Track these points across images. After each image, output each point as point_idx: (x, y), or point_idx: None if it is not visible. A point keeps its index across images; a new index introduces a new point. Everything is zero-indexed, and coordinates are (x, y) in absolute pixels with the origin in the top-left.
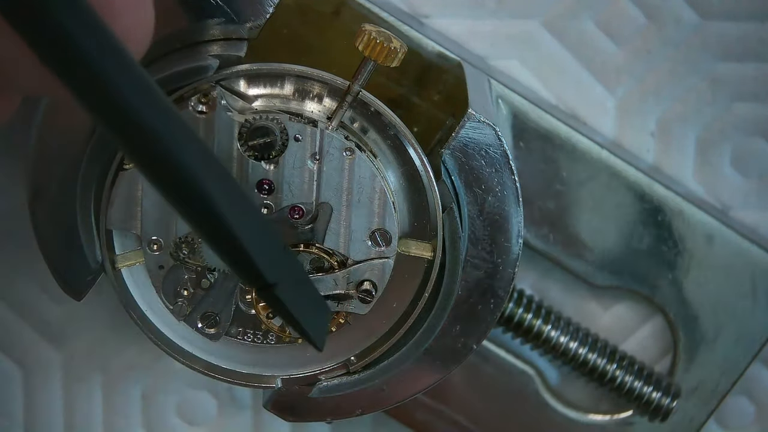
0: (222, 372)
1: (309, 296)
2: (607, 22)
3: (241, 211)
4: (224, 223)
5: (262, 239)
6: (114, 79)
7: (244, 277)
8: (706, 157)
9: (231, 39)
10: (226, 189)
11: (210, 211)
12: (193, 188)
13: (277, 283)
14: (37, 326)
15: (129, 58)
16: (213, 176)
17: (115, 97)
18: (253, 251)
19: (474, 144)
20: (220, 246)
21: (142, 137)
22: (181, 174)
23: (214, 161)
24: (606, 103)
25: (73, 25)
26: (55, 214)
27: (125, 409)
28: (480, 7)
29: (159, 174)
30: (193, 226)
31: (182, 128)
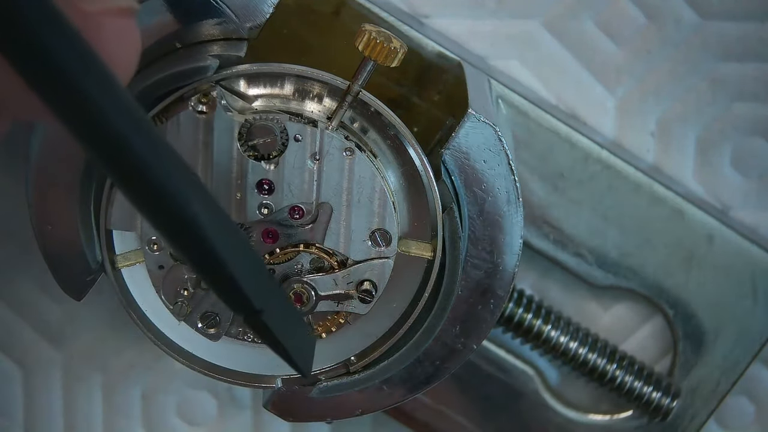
0: (222, 372)
1: (294, 323)
2: (607, 22)
3: (227, 237)
4: (211, 249)
5: (248, 266)
6: (100, 106)
7: (231, 304)
8: (706, 157)
9: (231, 39)
10: (212, 215)
11: (196, 238)
12: (179, 215)
13: (263, 309)
14: (37, 326)
15: (116, 84)
16: (200, 202)
17: (101, 125)
18: (240, 278)
19: (474, 144)
20: (206, 272)
21: (127, 163)
22: (168, 201)
23: (201, 187)
24: (606, 103)
25: (61, 51)
26: (56, 214)
27: (125, 409)
28: (480, 7)
29: (144, 201)
30: (178, 251)
31: (168, 154)
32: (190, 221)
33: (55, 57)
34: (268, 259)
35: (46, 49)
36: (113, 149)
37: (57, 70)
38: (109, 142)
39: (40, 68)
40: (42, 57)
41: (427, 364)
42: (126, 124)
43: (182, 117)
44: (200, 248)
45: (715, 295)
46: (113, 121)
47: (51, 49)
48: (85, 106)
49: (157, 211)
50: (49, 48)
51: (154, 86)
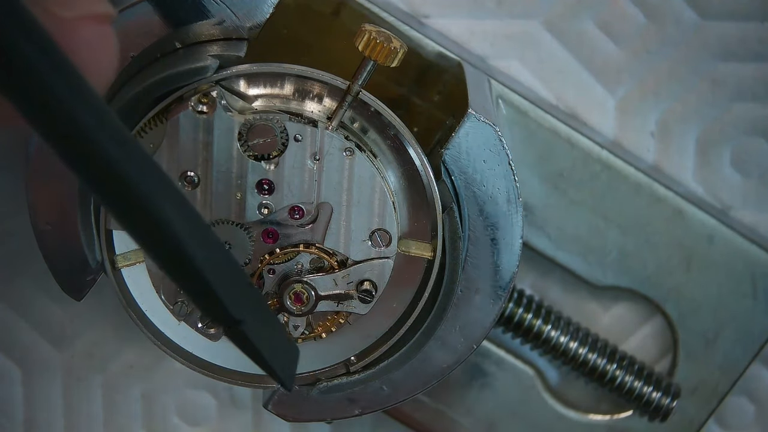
0: (222, 372)
1: (276, 334)
2: (607, 22)
3: (204, 245)
4: (186, 257)
5: (227, 275)
6: (73, 113)
7: (208, 314)
8: (706, 157)
9: (231, 39)
10: (188, 222)
11: (171, 244)
12: (154, 222)
13: (242, 320)
14: (37, 326)
15: (90, 91)
16: (175, 209)
17: (71, 129)
18: (217, 288)
19: (474, 144)
20: (182, 280)
21: (97, 168)
22: (142, 208)
23: (177, 194)
24: (606, 103)
25: (33, 57)
26: (55, 214)
27: (125, 409)
28: (480, 7)
29: (116, 206)
30: (153, 257)
31: (143, 160)
32: (165, 229)
33: (26, 62)
34: (268, 259)
35: (17, 54)
36: (85, 154)
37: (27, 75)
38: (81, 146)
39: (9, 73)
40: (12, 62)
41: (427, 364)
42: (96, 129)
43: (182, 117)
44: (175, 257)
45: (715, 295)
46: (85, 127)
47: (23, 54)
48: (56, 113)
49: (129, 217)
50: (21, 53)
51: (154, 86)
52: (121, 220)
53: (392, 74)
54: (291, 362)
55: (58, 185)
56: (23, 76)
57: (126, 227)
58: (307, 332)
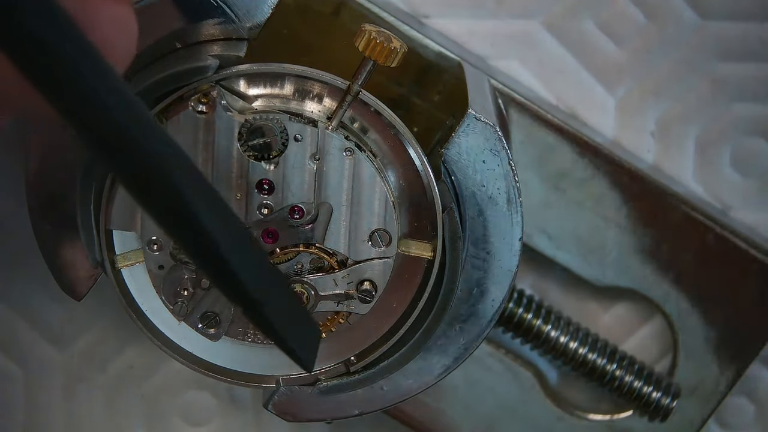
0: (222, 372)
1: (298, 316)
2: (607, 22)
3: (226, 228)
4: (209, 240)
5: (249, 258)
6: (95, 95)
7: (229, 296)
8: (706, 157)
9: (231, 39)
10: (211, 206)
11: (194, 228)
12: (178, 206)
13: (264, 302)
14: (37, 326)
15: (110, 71)
16: (198, 193)
17: (95, 112)
18: (239, 270)
19: (474, 144)
20: (204, 263)
21: (123, 151)
22: (167, 192)
23: (201, 179)
24: (606, 103)
25: (52, 37)
26: (55, 214)
27: (125, 409)
28: (480, 7)
29: (142, 191)
30: (177, 242)
31: (166, 142)
32: (186, 208)
33: (47, 44)
34: None
35: (38, 36)
36: (107, 137)
37: (49, 57)
38: (103, 129)
39: (32, 55)
40: (34, 44)
41: (427, 364)
42: (121, 112)
43: (182, 117)
44: (195, 236)
45: (715, 296)
46: (106, 106)
47: (44, 36)
48: (77, 94)
49: (151, 197)
50: (42, 35)
51: (154, 86)
52: (144, 202)
53: (392, 74)
54: (312, 344)
55: (58, 185)
56: (43, 57)
57: (148, 210)
58: None
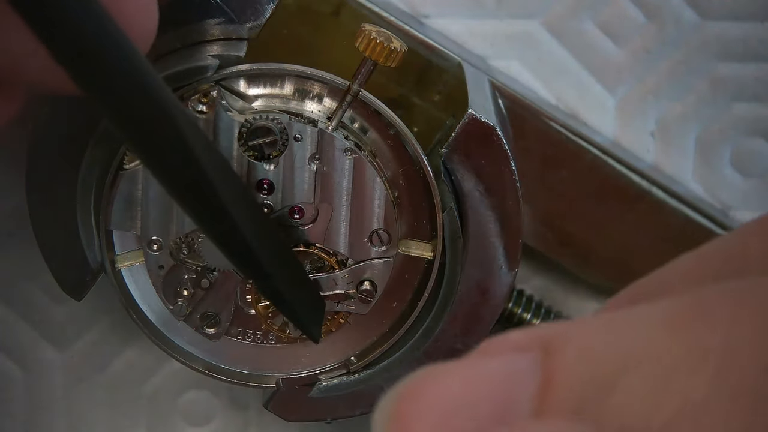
0: (222, 372)
1: (304, 289)
2: (607, 22)
3: (238, 201)
4: (224, 215)
5: (261, 231)
6: (120, 70)
7: (242, 268)
8: (706, 157)
9: (231, 39)
10: (227, 182)
11: (212, 204)
12: (196, 182)
13: (273, 274)
14: (37, 326)
15: (131, 48)
16: (216, 171)
17: (120, 90)
18: (251, 243)
19: (474, 144)
20: (219, 237)
21: (148, 131)
22: (188, 169)
23: (221, 157)
24: (606, 103)
25: (79, 16)
26: (55, 214)
27: (126, 409)
28: (480, 7)
29: (162, 167)
30: (193, 217)
31: (190, 124)
32: (204, 184)
33: (72, 21)
34: None
35: (64, 13)
36: (132, 115)
37: (74, 33)
38: (129, 108)
39: (57, 30)
40: (60, 20)
41: (427, 364)
42: (142, 87)
43: None
44: (212, 212)
45: None
46: (131, 85)
47: (69, 13)
48: (103, 69)
49: (170, 172)
50: (68, 12)
51: None
52: (164, 177)
53: (392, 74)
54: (318, 316)
55: (58, 186)
56: (67, 32)
57: (167, 185)
58: None
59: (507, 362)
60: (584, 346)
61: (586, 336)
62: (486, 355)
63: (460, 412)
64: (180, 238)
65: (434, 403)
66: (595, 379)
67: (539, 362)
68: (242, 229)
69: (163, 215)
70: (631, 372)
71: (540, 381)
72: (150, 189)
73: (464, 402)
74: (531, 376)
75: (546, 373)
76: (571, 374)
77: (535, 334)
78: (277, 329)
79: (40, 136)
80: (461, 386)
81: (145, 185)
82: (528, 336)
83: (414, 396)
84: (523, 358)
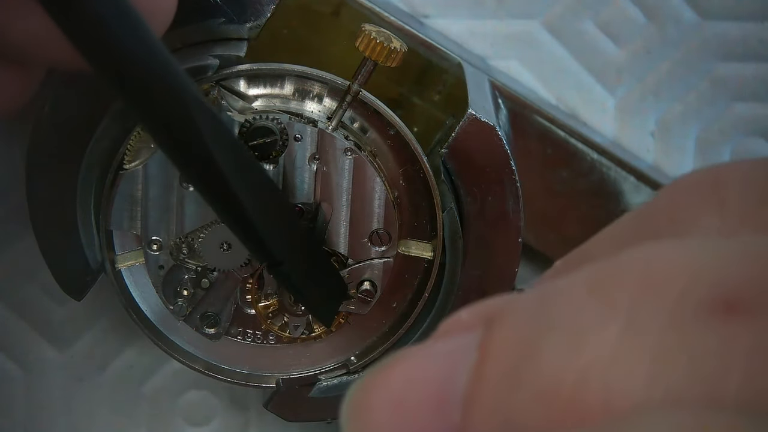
0: (222, 372)
1: (319, 275)
2: (607, 22)
3: (254, 191)
4: (237, 202)
5: (272, 218)
6: (137, 54)
7: (255, 254)
8: (706, 157)
9: (231, 39)
10: (243, 169)
11: (228, 193)
12: (212, 171)
13: (284, 260)
14: (37, 326)
15: (148, 30)
16: (232, 159)
17: (140, 78)
18: (262, 231)
19: (474, 144)
20: (233, 223)
21: (162, 113)
22: (202, 156)
23: (241, 148)
24: (606, 103)
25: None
26: (55, 214)
27: (126, 410)
28: (480, 7)
29: (176, 149)
30: (211, 204)
31: (208, 112)
32: (219, 174)
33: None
34: None
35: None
36: (148, 100)
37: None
38: (144, 91)
39: (71, 12)
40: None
41: None
42: (158, 73)
43: None
44: (227, 201)
45: None
46: (151, 69)
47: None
48: (115, 51)
49: (186, 156)
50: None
51: None
52: (179, 160)
53: (392, 74)
54: (333, 303)
55: (58, 186)
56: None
57: (183, 169)
58: (307, 332)
59: (452, 342)
60: (517, 316)
61: (519, 306)
62: (439, 337)
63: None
64: (180, 238)
65: (390, 390)
66: (522, 344)
67: (479, 337)
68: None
69: (163, 215)
70: (552, 333)
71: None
72: (150, 189)
73: (416, 387)
74: (471, 352)
75: (483, 346)
76: (502, 343)
77: (479, 310)
78: (277, 329)
79: (41, 136)
80: (414, 371)
81: (145, 185)
82: (473, 313)
83: (373, 385)
84: (466, 336)
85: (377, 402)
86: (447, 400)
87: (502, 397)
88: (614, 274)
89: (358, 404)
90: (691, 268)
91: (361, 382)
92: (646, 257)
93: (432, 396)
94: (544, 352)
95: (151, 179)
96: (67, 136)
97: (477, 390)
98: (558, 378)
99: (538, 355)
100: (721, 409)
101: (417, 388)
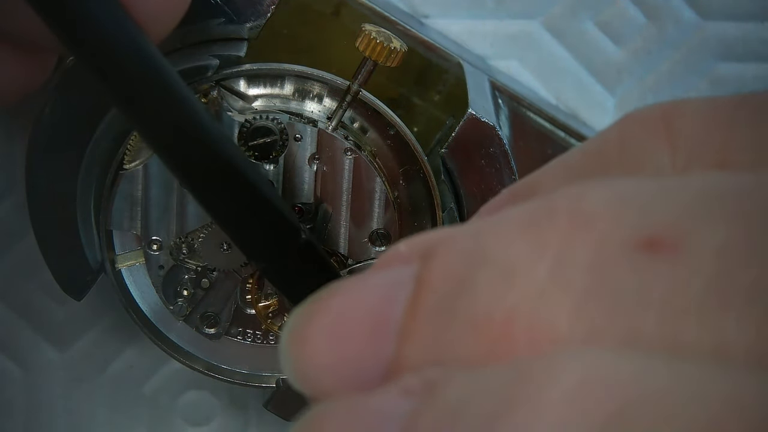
0: (222, 372)
1: (317, 275)
2: (607, 22)
3: (242, 187)
4: (232, 199)
5: (265, 219)
6: (132, 55)
7: (248, 255)
8: None
9: (231, 39)
10: (242, 161)
11: (216, 193)
12: (199, 169)
13: (269, 260)
14: (37, 326)
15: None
16: (234, 154)
17: (137, 78)
18: (253, 231)
19: (474, 144)
20: (224, 222)
21: (158, 116)
22: (198, 154)
23: (232, 145)
24: (606, 103)
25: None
26: (55, 214)
27: (126, 410)
28: (480, 7)
29: (166, 147)
30: (202, 204)
31: (202, 111)
32: (226, 167)
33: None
34: None
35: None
36: (154, 108)
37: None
38: (151, 98)
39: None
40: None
41: None
42: (156, 74)
43: None
44: (220, 201)
45: None
46: (151, 71)
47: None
48: (108, 53)
49: (173, 155)
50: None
51: None
52: (167, 157)
53: (392, 74)
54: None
55: (58, 185)
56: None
57: (170, 166)
58: None
59: (389, 274)
60: (453, 250)
61: (456, 240)
62: (377, 268)
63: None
64: (180, 238)
65: (327, 319)
66: (456, 278)
67: (416, 270)
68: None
69: (163, 215)
70: (485, 269)
71: (414, 288)
72: (150, 189)
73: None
74: (408, 284)
75: (419, 279)
76: (438, 276)
77: (418, 243)
78: (277, 329)
79: (40, 136)
80: (351, 302)
81: (145, 185)
82: (411, 245)
83: (310, 314)
84: (403, 268)
85: (313, 331)
86: (382, 331)
87: (434, 330)
88: (546, 214)
89: (295, 332)
90: (618, 207)
91: (300, 311)
92: (578, 197)
93: (367, 326)
94: (477, 287)
95: (151, 179)
96: (67, 135)
97: (411, 322)
98: (488, 313)
99: (471, 290)
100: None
101: (353, 318)
